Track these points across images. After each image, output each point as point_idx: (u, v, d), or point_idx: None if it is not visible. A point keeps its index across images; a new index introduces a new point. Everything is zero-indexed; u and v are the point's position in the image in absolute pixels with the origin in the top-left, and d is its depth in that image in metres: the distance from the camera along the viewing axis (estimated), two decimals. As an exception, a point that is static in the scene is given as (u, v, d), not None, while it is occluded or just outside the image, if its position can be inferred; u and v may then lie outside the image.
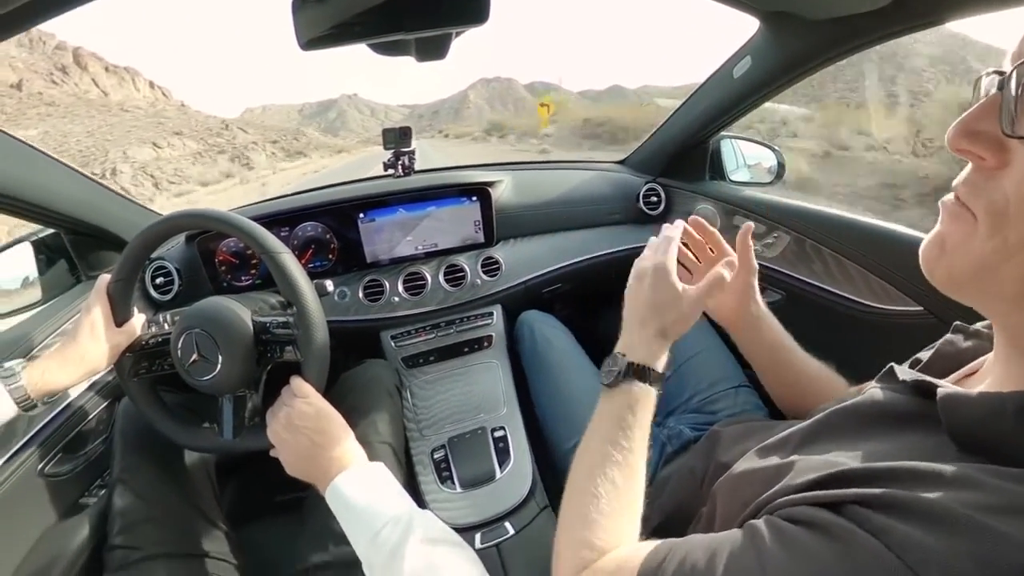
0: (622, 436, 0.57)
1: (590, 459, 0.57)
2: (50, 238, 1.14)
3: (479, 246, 1.44)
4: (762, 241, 1.26)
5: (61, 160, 1.05)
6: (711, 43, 49.59)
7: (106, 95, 50.18)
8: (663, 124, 1.51)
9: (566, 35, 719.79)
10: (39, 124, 35.81)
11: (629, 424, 0.57)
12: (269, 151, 40.29)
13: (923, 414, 0.43)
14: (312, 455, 0.71)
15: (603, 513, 0.52)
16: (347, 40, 0.83)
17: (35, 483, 0.87)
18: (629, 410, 0.58)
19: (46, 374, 0.74)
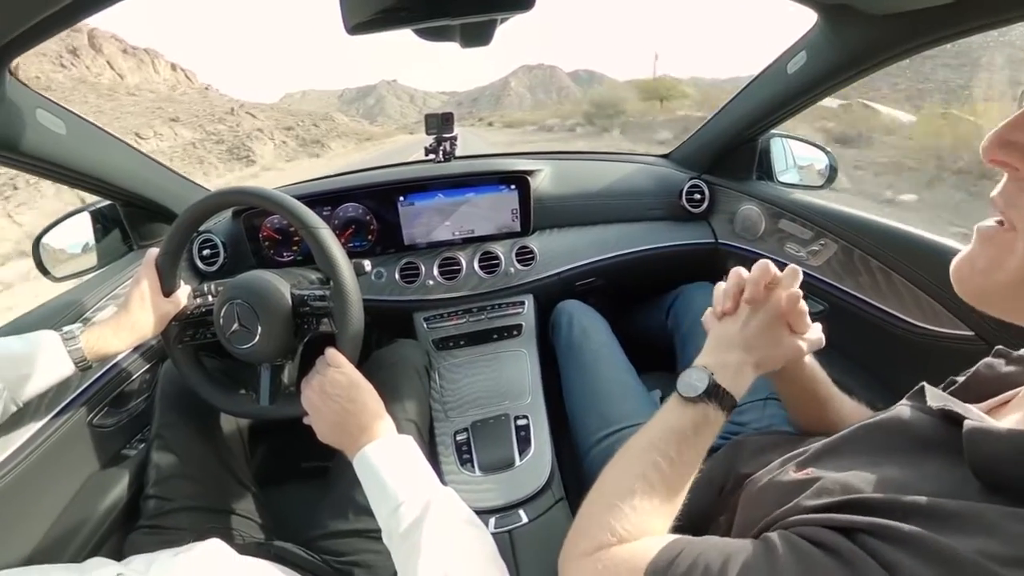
0: (675, 452, 0.54)
1: (635, 461, 0.56)
2: (107, 209, 1.23)
3: (515, 235, 1.44)
4: (807, 248, 1.21)
5: (120, 138, 1.11)
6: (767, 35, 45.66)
7: (121, 78, 44.98)
8: (711, 118, 1.46)
9: (614, 23, 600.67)
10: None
11: (688, 442, 0.55)
12: (279, 140, 36.40)
13: (948, 443, 0.41)
14: (343, 422, 0.73)
15: (634, 508, 0.51)
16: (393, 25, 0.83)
17: (83, 432, 0.94)
18: (695, 431, 0.56)
19: (101, 339, 0.80)
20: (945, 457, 0.40)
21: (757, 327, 0.62)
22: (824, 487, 0.43)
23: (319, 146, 37.69)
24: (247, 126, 32.33)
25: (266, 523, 0.95)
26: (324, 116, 64.47)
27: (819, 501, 0.41)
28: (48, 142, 0.93)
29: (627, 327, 1.47)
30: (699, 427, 0.56)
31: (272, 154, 30.04)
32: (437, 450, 1.09)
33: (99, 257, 1.20)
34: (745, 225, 1.38)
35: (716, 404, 0.57)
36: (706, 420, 0.56)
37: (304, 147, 34.97)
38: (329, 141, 40.23)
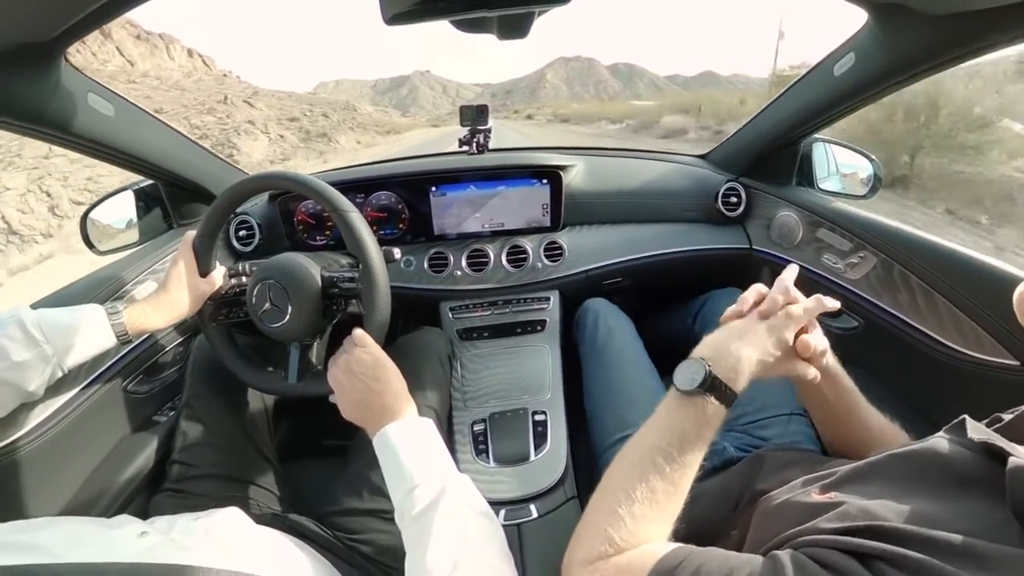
0: (676, 450, 0.53)
1: (636, 461, 0.55)
2: (149, 188, 1.28)
3: (544, 230, 1.44)
4: (846, 260, 1.15)
5: (163, 120, 1.16)
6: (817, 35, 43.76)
7: (132, 65, 39.34)
8: (751, 119, 1.41)
9: (654, 16, 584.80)
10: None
11: (689, 439, 0.54)
12: (275, 134, 30.17)
13: (988, 481, 0.39)
14: (367, 400, 0.74)
15: (633, 515, 0.51)
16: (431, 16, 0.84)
17: (118, 397, 1.00)
18: (694, 425, 0.54)
19: (142, 316, 0.85)
20: (984, 496, 0.38)
21: (764, 329, 0.60)
22: (846, 512, 0.42)
23: (324, 140, 33.93)
24: (239, 117, 28.34)
25: (283, 496, 0.98)
26: (345, 106, 60.24)
27: (838, 524, 0.40)
28: (98, 124, 0.98)
29: (651, 330, 1.45)
30: (699, 423, 0.55)
31: (263, 151, 26.31)
32: (454, 438, 1.10)
33: (140, 234, 1.26)
34: (782, 232, 1.33)
35: (713, 396, 0.55)
36: (704, 415, 0.55)
37: (306, 142, 31.59)
38: (338, 135, 36.22)
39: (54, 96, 0.87)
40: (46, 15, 0.71)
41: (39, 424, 0.82)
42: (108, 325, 0.80)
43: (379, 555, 0.79)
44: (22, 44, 0.75)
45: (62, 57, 0.85)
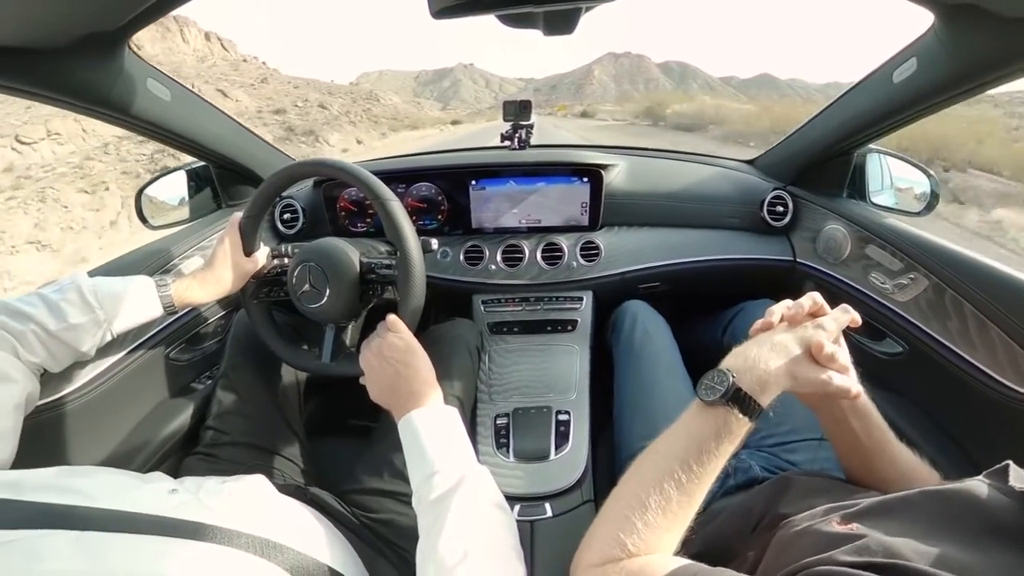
0: (695, 460, 0.52)
1: (653, 468, 0.54)
2: (201, 169, 1.35)
3: (582, 228, 1.43)
4: (894, 280, 1.09)
5: (216, 107, 1.23)
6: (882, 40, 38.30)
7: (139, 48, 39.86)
8: (803, 126, 1.35)
9: (710, 13, 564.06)
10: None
11: (709, 451, 0.52)
12: None
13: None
14: (395, 385, 0.76)
15: (646, 523, 0.50)
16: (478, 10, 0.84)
17: (161, 363, 1.05)
18: (715, 437, 0.53)
19: (188, 290, 0.90)
20: (1019, 550, 0.36)
21: (794, 339, 0.57)
22: (866, 546, 0.40)
23: (311, 138, 29.18)
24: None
25: (307, 469, 1.01)
26: (368, 95, 54.32)
27: (856, 558, 0.39)
28: (156, 107, 1.04)
29: (683, 338, 1.42)
30: (719, 435, 0.53)
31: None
32: (476, 430, 1.11)
33: (191, 212, 1.33)
34: (828, 246, 1.27)
35: (737, 409, 0.52)
36: (727, 428, 0.53)
37: (284, 141, 25.96)
38: (330, 133, 31.14)
39: (117, 81, 0.93)
40: (113, 6, 0.76)
41: (88, 382, 0.88)
42: (156, 296, 0.85)
43: (394, 535, 0.81)
44: (91, 34, 0.81)
45: (126, 45, 0.91)
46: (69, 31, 0.79)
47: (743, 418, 0.53)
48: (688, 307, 1.59)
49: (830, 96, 1.28)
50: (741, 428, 0.53)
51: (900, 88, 0.98)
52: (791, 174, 1.41)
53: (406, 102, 79.95)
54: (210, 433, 0.95)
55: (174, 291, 0.87)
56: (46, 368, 0.76)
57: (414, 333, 0.83)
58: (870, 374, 0.61)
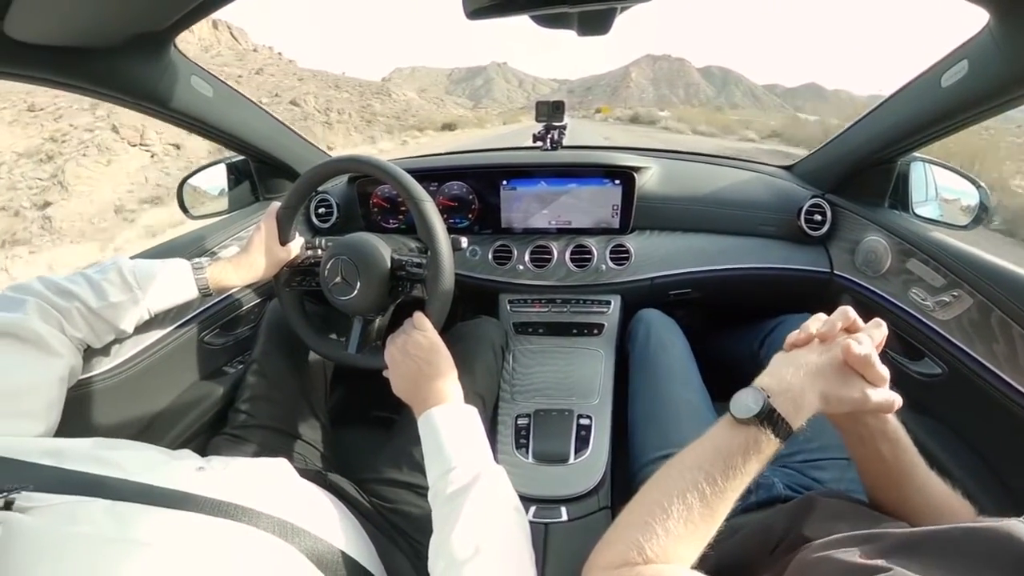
0: (720, 474, 0.51)
1: (678, 477, 0.54)
2: (240, 163, 1.40)
3: (612, 231, 1.41)
4: (936, 297, 1.03)
5: (256, 102, 1.28)
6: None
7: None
8: (844, 131, 1.29)
9: (755, 18, 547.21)
10: None
11: (736, 468, 0.52)
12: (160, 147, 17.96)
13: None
14: (417, 381, 0.78)
15: (667, 530, 0.50)
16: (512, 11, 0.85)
17: (195, 346, 1.09)
18: (743, 455, 0.52)
19: (223, 273, 0.93)
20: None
21: (828, 359, 0.56)
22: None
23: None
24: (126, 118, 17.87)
25: (329, 456, 1.04)
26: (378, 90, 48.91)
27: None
28: (199, 103, 1.10)
29: (713, 348, 1.38)
30: (748, 452, 0.52)
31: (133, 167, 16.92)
32: (497, 429, 1.12)
33: (230, 203, 1.38)
34: (867, 259, 1.21)
35: (770, 430, 0.52)
36: (757, 446, 0.52)
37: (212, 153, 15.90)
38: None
39: (163, 78, 0.99)
40: (160, 9, 0.81)
41: (127, 359, 0.92)
42: (192, 278, 0.89)
43: (408, 526, 0.82)
44: (140, 34, 0.86)
45: (171, 44, 0.96)
46: (120, 32, 0.84)
47: (774, 438, 0.52)
48: (721, 316, 1.56)
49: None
50: (770, 448, 0.52)
51: (949, 93, 0.93)
52: (831, 181, 1.36)
53: (429, 99, 73.50)
54: (238, 416, 0.98)
55: (209, 274, 0.91)
56: (88, 344, 0.80)
57: (440, 329, 0.85)
58: (905, 396, 0.58)
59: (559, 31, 0.99)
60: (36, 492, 0.48)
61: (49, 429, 0.66)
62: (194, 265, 0.90)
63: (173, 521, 0.53)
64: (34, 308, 0.71)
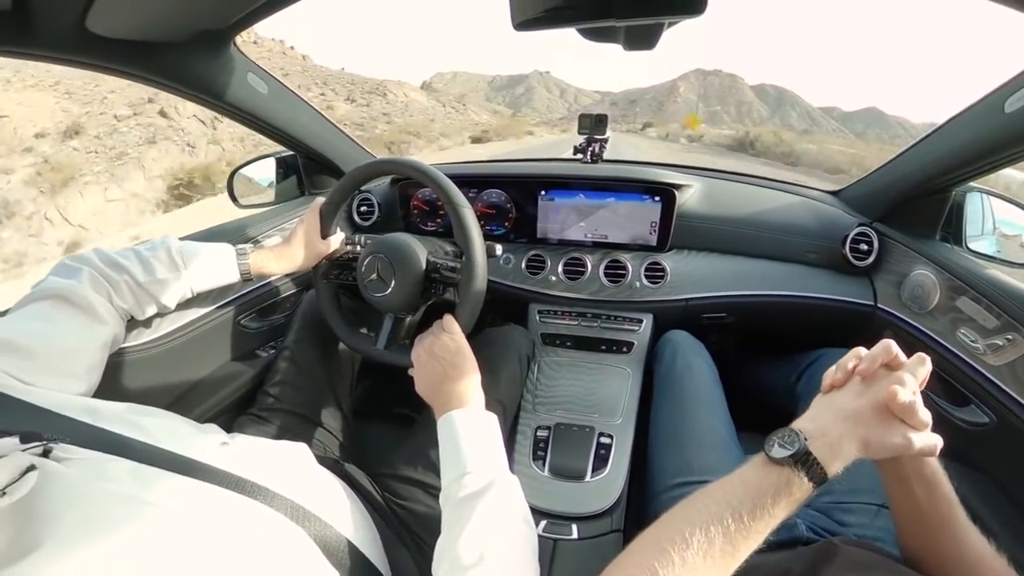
0: (748, 513, 0.49)
1: (703, 509, 0.52)
2: (289, 158, 1.46)
3: (649, 249, 1.39)
4: (987, 340, 0.96)
5: (307, 101, 1.33)
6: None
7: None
8: (897, 156, 1.24)
9: (814, 37, 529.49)
10: None
11: (764, 508, 0.50)
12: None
13: None
14: (441, 383, 0.78)
15: (684, 560, 0.48)
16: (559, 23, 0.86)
17: (231, 327, 1.14)
18: (773, 495, 0.50)
19: (265, 261, 0.97)
20: None
21: (868, 402, 0.54)
22: None
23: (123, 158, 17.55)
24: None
25: (347, 446, 1.06)
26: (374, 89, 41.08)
27: None
28: (253, 99, 1.15)
29: (745, 377, 1.34)
30: (778, 494, 0.50)
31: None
32: (516, 438, 1.12)
33: (276, 195, 1.45)
34: (914, 293, 1.14)
35: (803, 473, 0.50)
36: (788, 489, 0.50)
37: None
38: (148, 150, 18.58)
39: (222, 73, 1.05)
40: (222, 8, 0.87)
41: (166, 333, 0.97)
42: (235, 263, 0.93)
43: (416, 524, 0.83)
44: (202, 31, 0.92)
45: (231, 43, 1.02)
46: (185, 29, 0.90)
47: (807, 482, 0.50)
48: (756, 344, 1.51)
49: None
50: (802, 492, 0.50)
51: (1013, 119, 0.87)
52: (879, 209, 1.29)
53: (446, 102, 64.82)
54: (266, 398, 1.02)
55: (252, 260, 0.95)
56: (132, 315, 0.85)
57: (468, 334, 0.86)
58: (947, 444, 0.55)
59: (605, 44, 0.99)
60: (71, 445, 0.51)
61: (88, 390, 0.71)
62: (238, 251, 0.95)
63: (191, 490, 0.55)
64: (87, 277, 0.76)
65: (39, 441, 0.48)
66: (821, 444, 0.51)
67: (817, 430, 0.53)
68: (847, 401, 0.55)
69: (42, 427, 0.51)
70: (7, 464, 0.44)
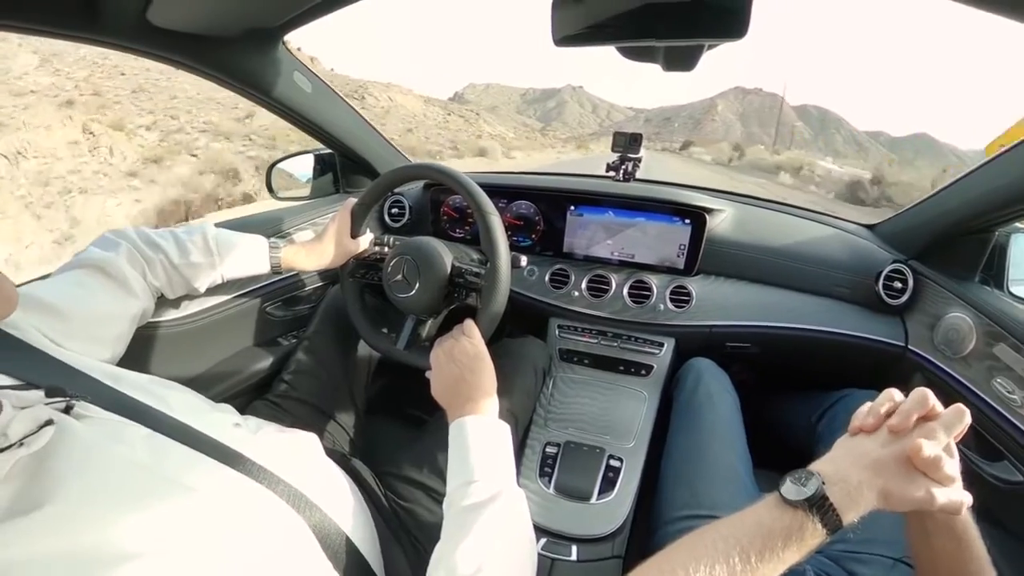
0: (755, 553, 0.48)
1: (710, 545, 0.50)
2: (327, 156, 1.51)
3: (675, 271, 1.37)
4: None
5: (350, 104, 1.38)
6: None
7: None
8: (938, 192, 1.19)
9: (861, 58, 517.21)
10: None
11: (773, 550, 0.48)
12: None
13: None
14: (457, 387, 0.78)
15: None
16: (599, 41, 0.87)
17: (256, 314, 1.18)
18: (783, 538, 0.49)
19: (295, 255, 1.00)
20: None
21: (893, 452, 0.51)
22: None
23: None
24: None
25: (356, 442, 1.08)
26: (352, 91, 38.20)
27: None
28: (298, 96, 1.20)
29: (765, 411, 1.30)
30: (790, 538, 0.48)
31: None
32: (524, 452, 1.11)
33: (312, 191, 1.50)
34: (948, 337, 1.08)
35: (818, 518, 0.48)
36: (800, 533, 0.48)
37: None
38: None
39: (269, 70, 1.10)
40: (274, 8, 0.91)
41: (194, 313, 1.01)
42: (267, 255, 0.97)
43: (415, 527, 0.82)
44: (254, 28, 0.97)
45: (280, 41, 1.07)
46: (237, 25, 0.95)
47: (821, 528, 0.48)
48: (777, 377, 1.47)
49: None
50: (815, 538, 0.49)
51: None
52: (916, 246, 1.25)
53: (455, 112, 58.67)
54: (282, 385, 1.04)
55: (283, 254, 0.99)
56: (163, 293, 0.89)
57: (486, 343, 0.86)
58: (977, 501, 0.52)
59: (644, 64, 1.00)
60: (93, 404, 0.54)
61: (113, 358, 0.74)
62: (271, 244, 0.98)
63: (199, 464, 0.56)
64: (125, 252, 0.81)
65: (63, 397, 0.51)
66: (839, 490, 0.49)
67: (837, 475, 0.51)
68: (872, 448, 0.53)
69: (67, 384, 0.53)
70: (28, 416, 0.46)
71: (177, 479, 0.51)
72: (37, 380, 0.53)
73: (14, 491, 0.42)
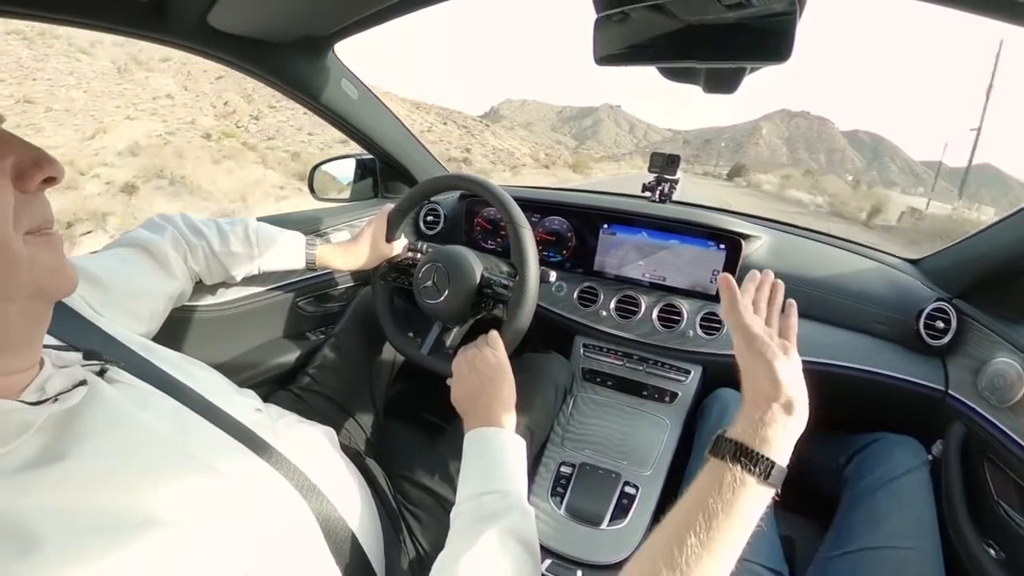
0: (702, 517, 0.49)
1: (671, 530, 0.52)
2: (368, 161, 1.56)
3: (708, 297, 1.33)
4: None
5: (393, 112, 1.44)
6: None
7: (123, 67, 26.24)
8: (988, 227, 1.12)
9: (918, 83, 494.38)
10: None
11: (711, 509, 0.49)
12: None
13: None
14: (476, 396, 0.79)
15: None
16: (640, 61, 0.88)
17: (288, 307, 1.22)
18: (712, 490, 0.51)
19: (331, 255, 1.04)
20: None
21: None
22: None
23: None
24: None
25: (372, 441, 1.09)
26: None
27: None
28: (345, 103, 1.26)
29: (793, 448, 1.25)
30: (719, 487, 0.51)
31: None
32: (537, 470, 1.10)
33: (351, 194, 1.55)
34: (994, 384, 0.99)
35: (740, 467, 0.51)
36: (729, 483, 0.51)
37: None
38: None
39: (319, 76, 1.15)
40: (326, 17, 0.96)
41: (227, 301, 1.05)
42: (303, 252, 1.01)
43: (420, 532, 0.82)
44: (307, 35, 1.02)
45: (331, 49, 1.12)
46: (292, 31, 1.00)
47: (742, 475, 0.52)
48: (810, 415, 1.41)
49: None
50: (745, 486, 0.51)
51: None
52: (962, 284, 1.17)
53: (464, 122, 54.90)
54: (306, 379, 1.07)
55: (319, 252, 1.02)
56: (201, 278, 0.93)
57: (510, 356, 0.86)
58: (1013, 556, 0.47)
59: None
60: (125, 371, 0.56)
61: (148, 333, 0.78)
62: (308, 241, 1.02)
63: (219, 442, 0.58)
64: (170, 235, 0.86)
65: (99, 360, 0.54)
66: (741, 425, 0.55)
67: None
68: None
69: (104, 349, 0.56)
70: (65, 374, 0.49)
71: (196, 454, 0.53)
72: (77, 343, 0.56)
73: (42, 443, 0.43)
